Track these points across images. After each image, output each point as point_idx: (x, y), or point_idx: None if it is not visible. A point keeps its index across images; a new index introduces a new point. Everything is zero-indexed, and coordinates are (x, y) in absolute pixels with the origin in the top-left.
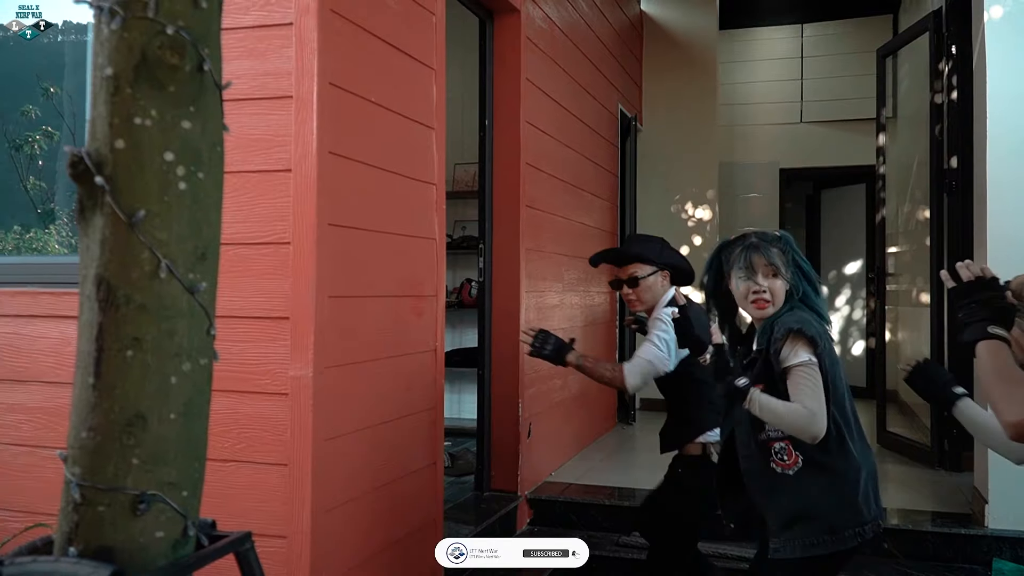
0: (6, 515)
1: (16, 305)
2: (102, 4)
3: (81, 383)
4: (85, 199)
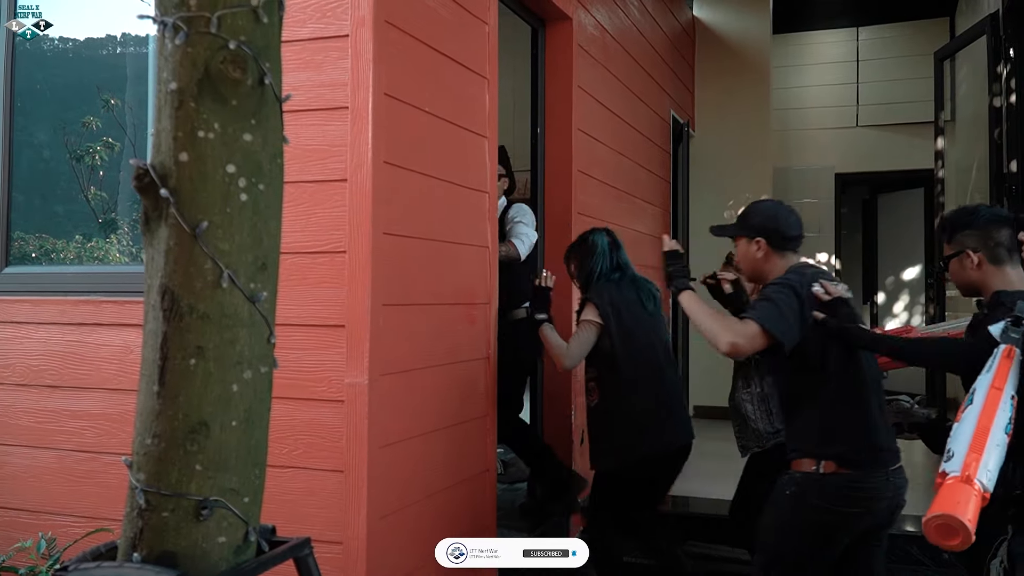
0: (69, 520)
1: (80, 314)
2: (166, 20)
3: (146, 390)
4: (150, 211)
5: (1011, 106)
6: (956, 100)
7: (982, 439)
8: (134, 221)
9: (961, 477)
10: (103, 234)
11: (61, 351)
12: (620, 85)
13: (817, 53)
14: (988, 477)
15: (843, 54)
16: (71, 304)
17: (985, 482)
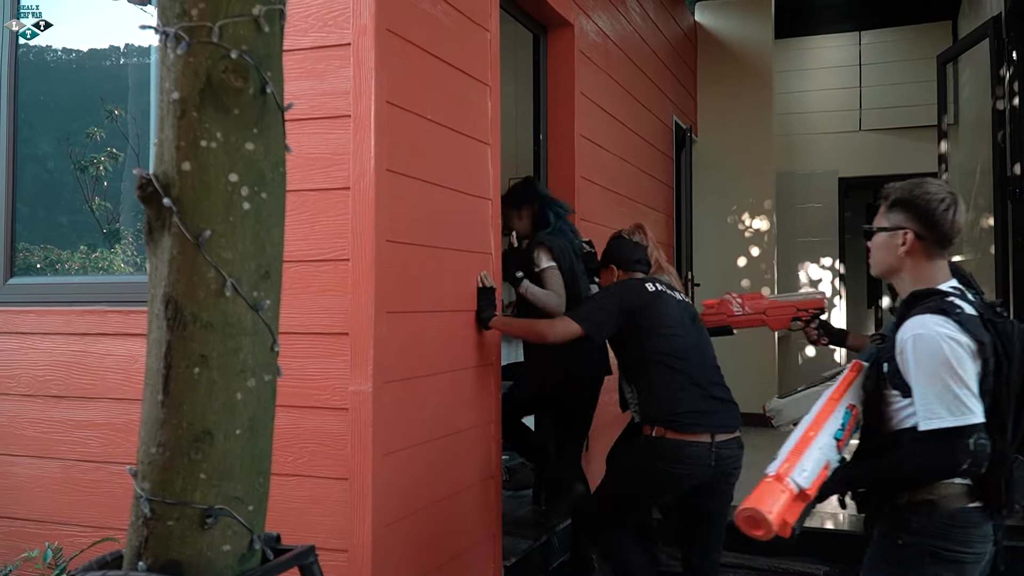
0: (75, 530)
1: (85, 324)
2: (168, 30)
3: (150, 400)
4: (153, 220)
5: (1014, 109)
6: (959, 103)
7: (803, 445)
8: (138, 231)
9: (774, 476)
10: (107, 244)
11: (66, 361)
12: (622, 91)
13: (820, 57)
14: (804, 477)
15: (846, 58)
16: (76, 314)
17: (800, 481)
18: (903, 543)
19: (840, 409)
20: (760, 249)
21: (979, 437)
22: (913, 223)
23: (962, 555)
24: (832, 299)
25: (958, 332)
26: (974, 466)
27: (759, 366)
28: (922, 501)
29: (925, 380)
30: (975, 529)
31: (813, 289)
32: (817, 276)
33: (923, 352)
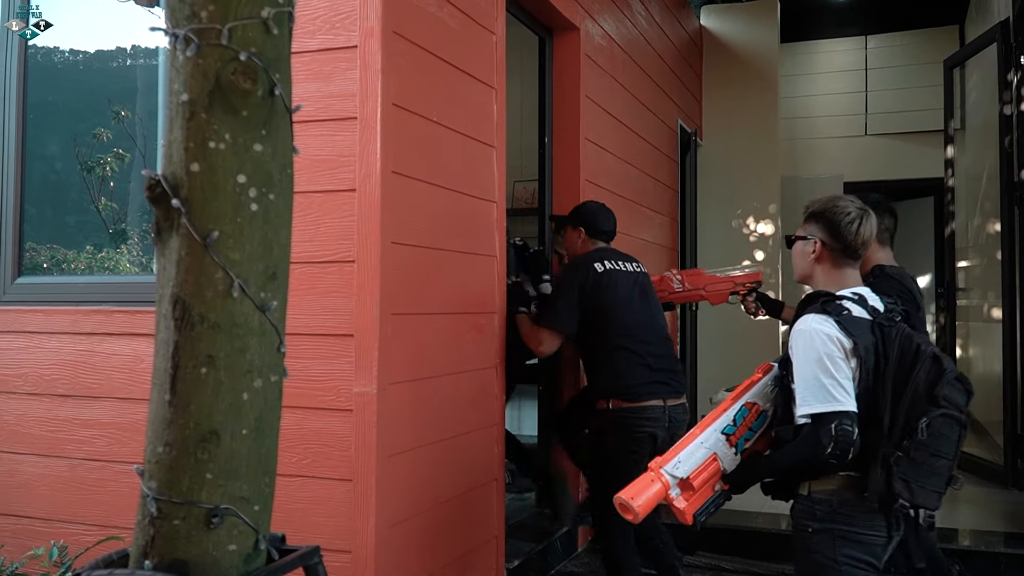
0: (80, 528)
1: (91, 323)
2: (178, 32)
3: (157, 399)
4: (162, 221)
5: (1021, 114)
6: (966, 108)
7: (686, 441)
8: (144, 231)
9: (649, 469)
10: (113, 244)
11: (72, 360)
12: (627, 94)
13: (826, 62)
14: (680, 469)
15: (852, 62)
16: (83, 314)
17: (675, 472)
18: (812, 530)
19: (735, 407)
20: (765, 253)
21: (841, 422)
22: (822, 233)
23: (868, 536)
24: None
25: (835, 330)
26: (838, 449)
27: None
28: (823, 491)
29: (801, 372)
30: (875, 514)
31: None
32: None
33: (801, 346)
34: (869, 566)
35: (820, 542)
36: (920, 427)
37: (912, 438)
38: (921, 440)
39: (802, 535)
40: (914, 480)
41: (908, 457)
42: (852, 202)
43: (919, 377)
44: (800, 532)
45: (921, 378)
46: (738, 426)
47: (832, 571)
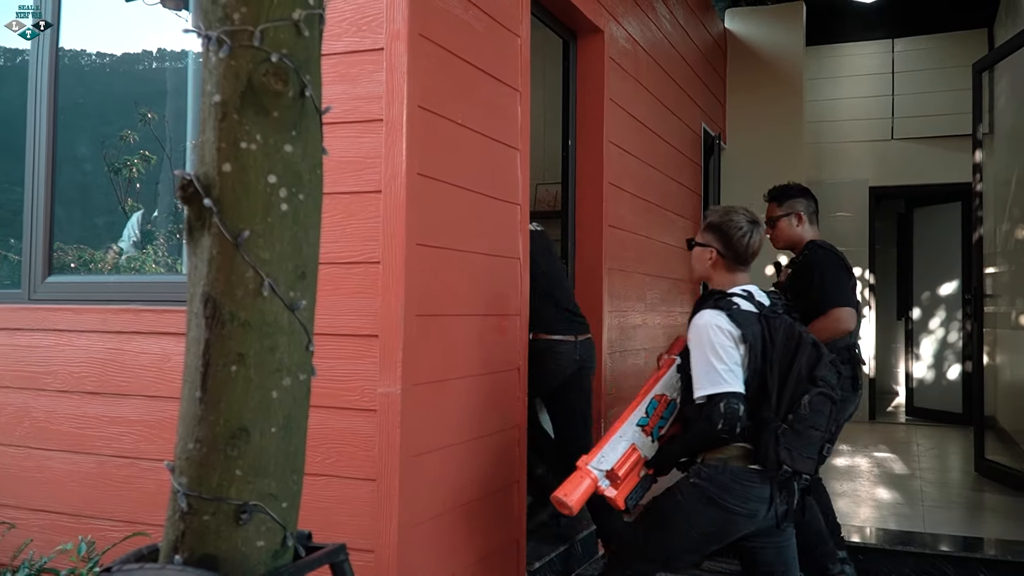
0: (108, 524)
1: (120, 322)
2: (210, 34)
3: (188, 396)
4: (194, 220)
5: None
6: (994, 112)
7: (607, 438)
8: (170, 232)
9: (577, 467)
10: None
11: (101, 358)
12: (651, 97)
13: (852, 65)
14: (605, 462)
15: (878, 66)
16: (111, 313)
17: (601, 466)
18: (693, 483)
19: (645, 401)
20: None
21: (728, 401)
22: (718, 244)
23: (735, 507)
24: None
25: (726, 322)
26: (727, 425)
27: None
28: (714, 458)
29: (696, 359)
30: (753, 489)
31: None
32: None
33: (695, 336)
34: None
35: (691, 495)
36: (803, 403)
37: (796, 413)
38: (803, 415)
39: (683, 481)
40: (795, 449)
41: (792, 429)
42: (744, 215)
43: (801, 361)
44: (684, 479)
45: (803, 362)
46: (650, 417)
47: (683, 517)
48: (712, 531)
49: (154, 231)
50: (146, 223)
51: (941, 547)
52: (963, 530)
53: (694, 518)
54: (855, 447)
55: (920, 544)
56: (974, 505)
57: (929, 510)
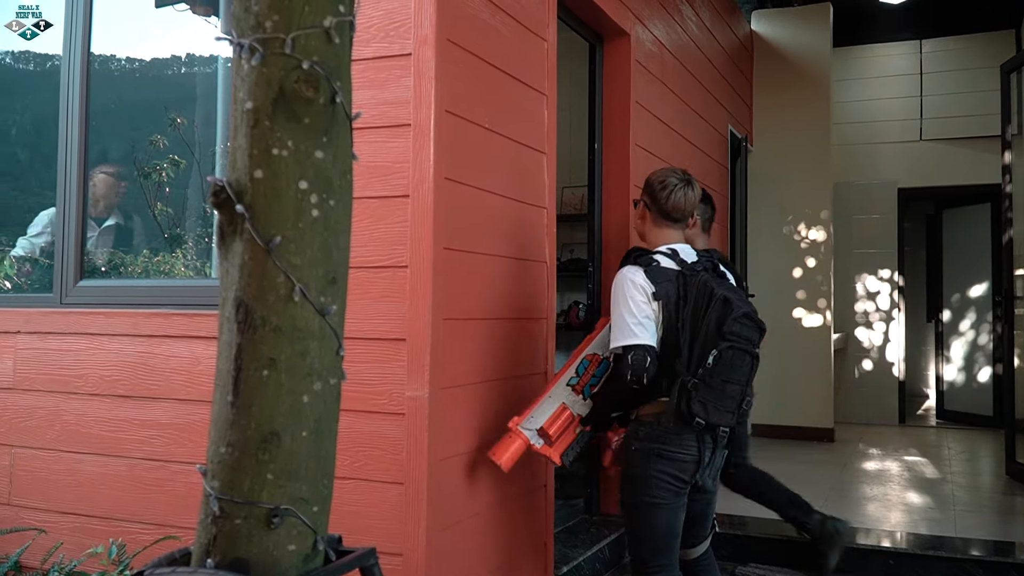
0: (138, 527)
1: (150, 326)
2: (243, 41)
3: (220, 400)
4: (226, 226)
5: None
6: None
7: (538, 399)
8: (198, 236)
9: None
10: (169, 249)
11: (132, 362)
12: (678, 100)
13: (879, 66)
14: (534, 422)
15: (906, 67)
16: (142, 316)
17: (531, 426)
18: (634, 448)
19: (576, 362)
20: (816, 260)
21: (635, 353)
22: (647, 198)
23: (678, 454)
24: (891, 312)
25: (642, 278)
26: (634, 375)
27: (814, 380)
28: (647, 414)
29: (613, 313)
30: (686, 436)
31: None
32: (875, 288)
33: (613, 292)
34: (677, 480)
35: (638, 458)
36: (710, 357)
37: (705, 367)
38: (712, 368)
39: (627, 454)
40: (709, 402)
41: (704, 383)
42: (676, 174)
43: (711, 316)
44: (627, 452)
45: (712, 317)
46: (581, 376)
47: (644, 483)
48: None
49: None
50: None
51: (972, 551)
52: (994, 534)
53: (653, 479)
54: (885, 451)
55: (951, 549)
56: (1006, 509)
57: (960, 514)
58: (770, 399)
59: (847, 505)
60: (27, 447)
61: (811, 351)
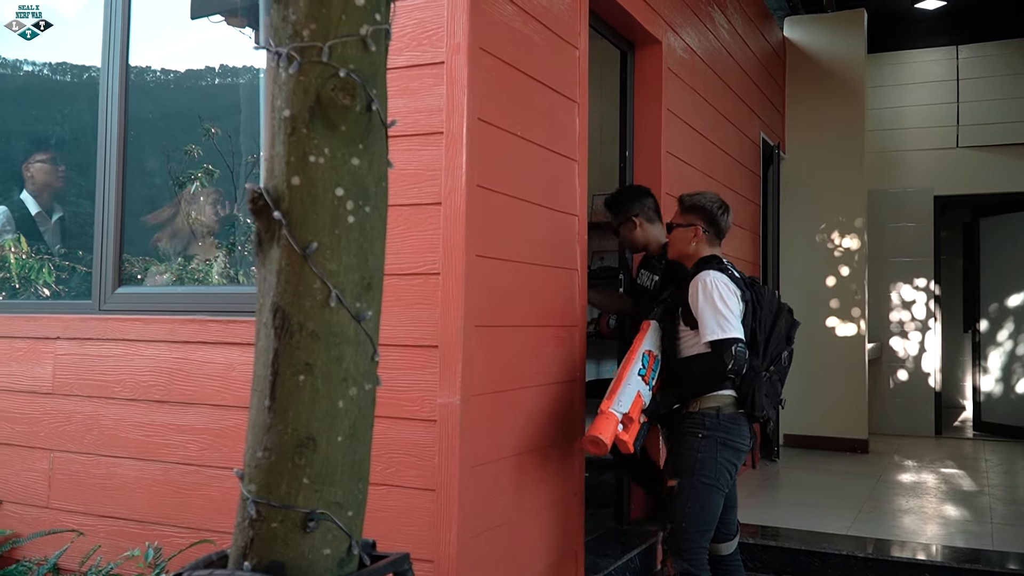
0: (173, 531)
1: (186, 332)
2: (280, 50)
3: (257, 405)
4: (263, 232)
5: None
6: None
7: (617, 385)
8: (231, 244)
9: (601, 410)
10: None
11: (168, 368)
12: (709, 107)
13: (915, 72)
14: (622, 405)
15: (942, 73)
16: (179, 323)
17: (620, 409)
18: (703, 436)
19: (640, 352)
20: (850, 269)
21: (738, 345)
22: (702, 221)
23: (740, 444)
24: (927, 321)
25: (730, 281)
26: (737, 365)
27: (848, 390)
28: (708, 407)
29: (704, 309)
30: (745, 427)
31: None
32: (910, 297)
33: (704, 290)
34: (734, 467)
35: (707, 446)
36: (783, 358)
37: (777, 366)
38: (782, 368)
39: (691, 439)
40: (769, 397)
41: (770, 380)
42: (718, 197)
43: (782, 323)
44: (690, 437)
45: (783, 323)
46: (646, 368)
47: (711, 467)
48: (729, 471)
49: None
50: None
51: (1010, 565)
52: None
53: (718, 465)
54: (921, 463)
55: (988, 563)
56: None
57: (998, 527)
58: (803, 409)
59: (882, 517)
60: (66, 451)
61: (845, 361)
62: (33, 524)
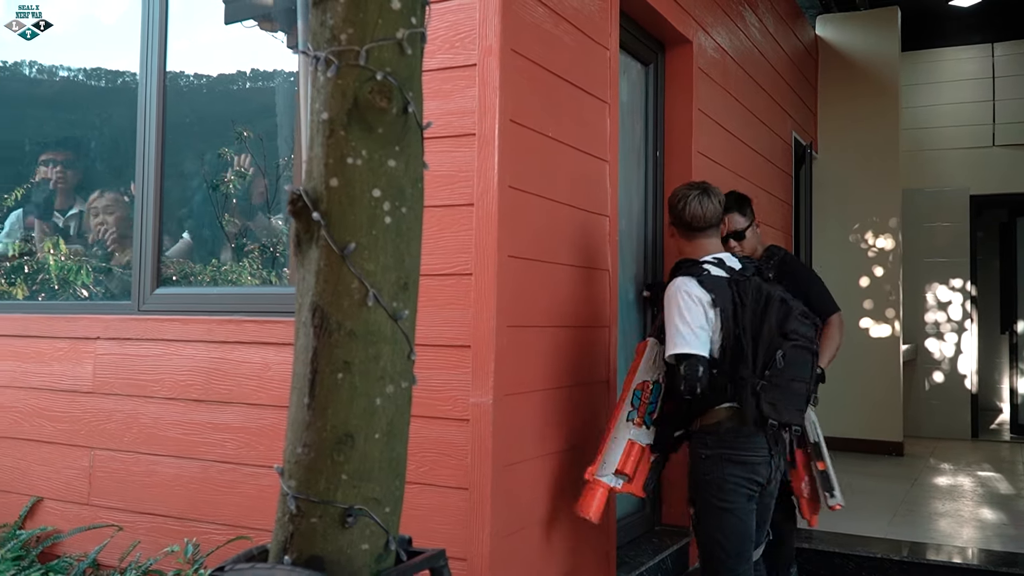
0: (211, 528)
1: (223, 332)
2: (319, 54)
3: (296, 403)
4: (302, 233)
5: None
6: None
7: (603, 446)
8: (263, 246)
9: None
10: (236, 258)
11: (206, 367)
12: (741, 107)
13: (950, 70)
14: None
15: (978, 70)
16: (216, 323)
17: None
18: (704, 456)
19: (628, 396)
20: (884, 269)
21: (688, 363)
22: (671, 217)
23: (749, 456)
24: (963, 323)
25: (696, 287)
26: (687, 385)
27: (883, 392)
28: (709, 424)
29: (667, 322)
30: (754, 438)
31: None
32: (946, 298)
33: (667, 301)
34: (751, 483)
35: (711, 465)
36: (777, 358)
37: (772, 368)
38: (780, 368)
39: (696, 460)
40: (779, 402)
41: (771, 384)
42: (689, 187)
43: (771, 318)
44: (695, 458)
45: (773, 318)
46: (637, 408)
47: (719, 488)
48: (746, 487)
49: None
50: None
51: None
52: None
53: (727, 484)
54: (957, 466)
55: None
56: None
57: None
58: (837, 411)
59: (917, 520)
60: (106, 449)
61: (879, 362)
62: (74, 521)
